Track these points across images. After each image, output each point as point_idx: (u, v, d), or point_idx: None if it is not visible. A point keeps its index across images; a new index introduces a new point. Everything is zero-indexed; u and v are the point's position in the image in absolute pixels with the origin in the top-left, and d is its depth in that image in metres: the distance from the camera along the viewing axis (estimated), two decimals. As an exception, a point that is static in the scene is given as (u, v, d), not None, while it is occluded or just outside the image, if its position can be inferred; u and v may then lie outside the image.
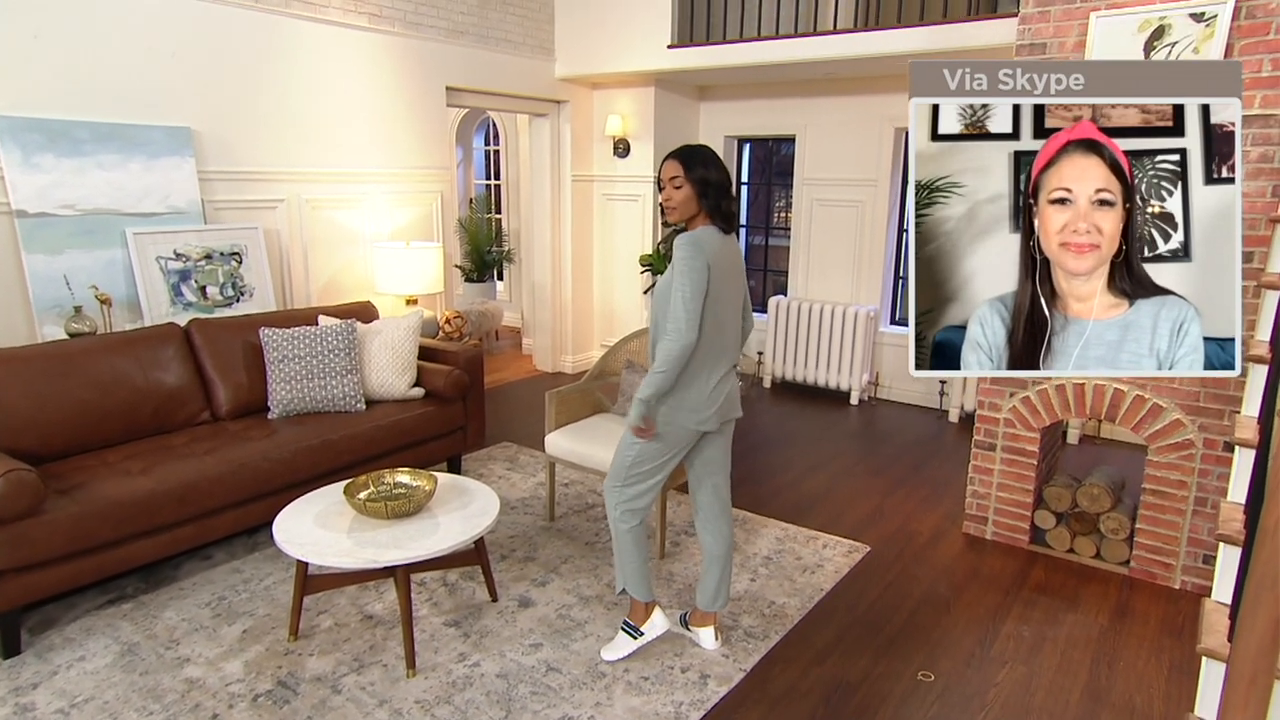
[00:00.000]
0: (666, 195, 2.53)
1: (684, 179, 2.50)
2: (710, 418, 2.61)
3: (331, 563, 2.56)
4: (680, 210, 2.53)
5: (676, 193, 2.51)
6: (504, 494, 4.18)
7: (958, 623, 3.09)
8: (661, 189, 2.57)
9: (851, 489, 4.40)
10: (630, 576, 2.74)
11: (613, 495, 2.70)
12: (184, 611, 3.03)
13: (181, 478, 3.11)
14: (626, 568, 2.74)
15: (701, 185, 2.50)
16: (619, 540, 2.72)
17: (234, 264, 4.21)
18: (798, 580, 3.37)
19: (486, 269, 8.05)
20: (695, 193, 2.50)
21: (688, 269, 2.43)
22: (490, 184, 8.92)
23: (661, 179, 2.55)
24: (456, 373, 4.17)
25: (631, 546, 2.71)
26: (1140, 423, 3.38)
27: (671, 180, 2.52)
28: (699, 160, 2.52)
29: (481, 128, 8.83)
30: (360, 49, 4.85)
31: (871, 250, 6.08)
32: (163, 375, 3.58)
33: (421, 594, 3.19)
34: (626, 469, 2.65)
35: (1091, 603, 3.26)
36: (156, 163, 3.92)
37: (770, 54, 5.22)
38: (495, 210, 8.71)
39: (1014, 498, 3.74)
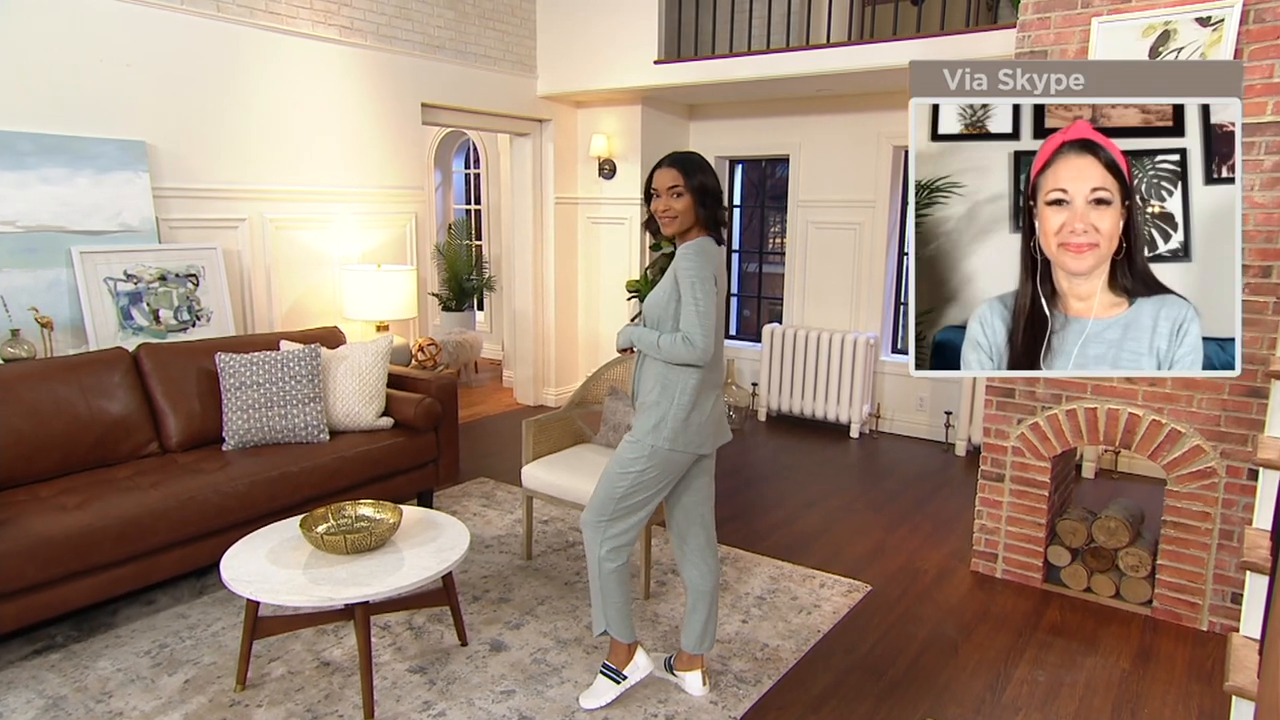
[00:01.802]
0: (664, 205, 2.49)
1: (684, 187, 2.47)
2: (709, 439, 2.59)
3: (284, 601, 2.47)
4: (681, 220, 2.49)
5: (676, 202, 2.48)
6: (479, 532, 4.09)
7: (966, 666, 3.01)
8: (653, 198, 2.52)
9: (851, 525, 4.33)
10: (613, 618, 2.65)
11: (596, 531, 2.60)
12: (120, 661, 2.91)
13: (121, 512, 3.02)
14: (609, 608, 2.65)
15: (701, 194, 2.49)
16: (603, 580, 2.63)
17: (190, 286, 4.15)
18: (793, 621, 3.29)
19: (465, 297, 8.02)
20: (694, 201, 2.48)
21: (699, 279, 2.42)
22: (470, 209, 8.93)
23: (656, 188, 2.50)
24: (428, 401, 4.11)
25: (616, 586, 2.63)
26: (1158, 450, 3.33)
27: (671, 189, 2.48)
28: (697, 167, 2.51)
29: (461, 150, 8.86)
30: (331, 62, 4.86)
31: (871, 274, 6.07)
32: (107, 403, 3.50)
33: (384, 638, 3.09)
34: (616, 501, 2.57)
35: (1112, 645, 3.18)
36: (107, 177, 3.88)
37: (762, 69, 5.26)
38: (475, 236, 8.71)
39: (1025, 532, 3.67)
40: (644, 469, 2.53)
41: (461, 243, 8.32)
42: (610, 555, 2.60)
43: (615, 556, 2.60)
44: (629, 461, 2.54)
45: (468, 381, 7.66)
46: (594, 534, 2.60)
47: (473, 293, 8.11)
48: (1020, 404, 3.62)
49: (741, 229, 7.11)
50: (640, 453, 2.53)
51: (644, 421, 2.53)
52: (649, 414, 2.52)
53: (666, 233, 2.53)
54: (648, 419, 2.52)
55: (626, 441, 2.57)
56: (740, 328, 7.21)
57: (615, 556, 2.60)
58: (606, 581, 2.62)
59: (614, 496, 2.57)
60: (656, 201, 2.51)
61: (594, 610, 2.69)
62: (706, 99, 6.39)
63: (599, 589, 2.64)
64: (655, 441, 2.51)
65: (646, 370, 2.57)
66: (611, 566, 2.60)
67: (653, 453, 2.51)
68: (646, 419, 2.53)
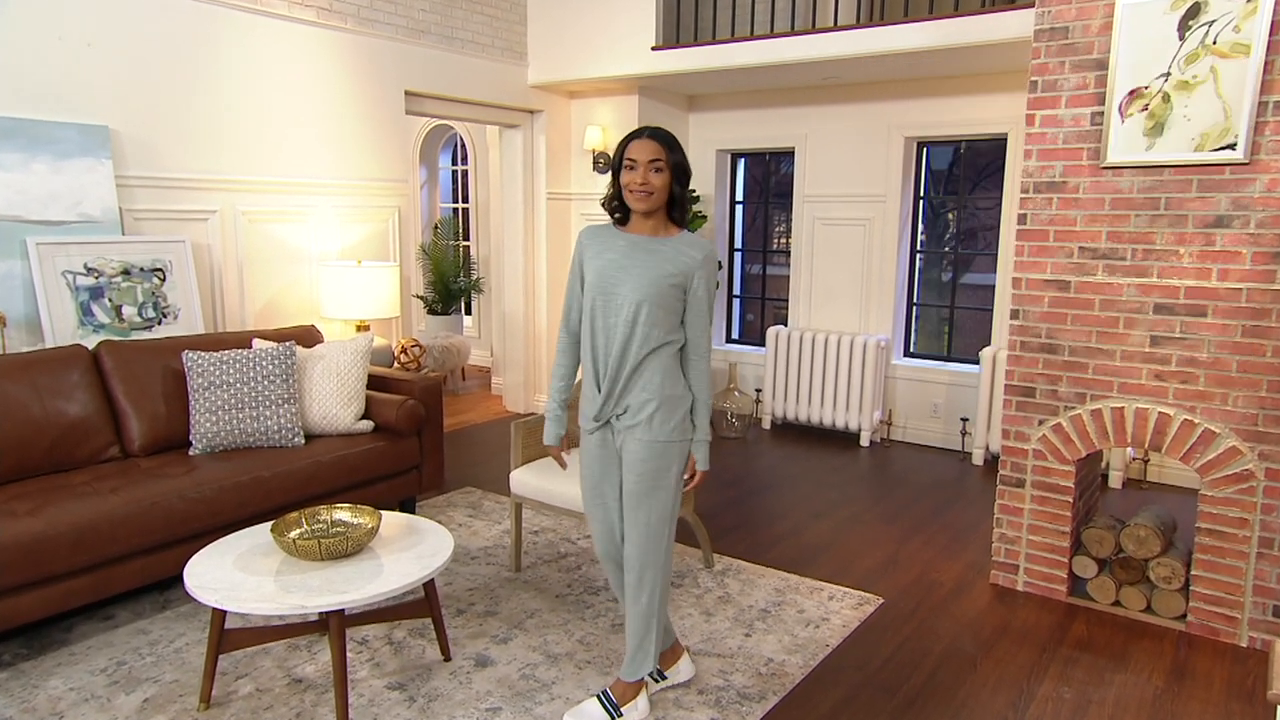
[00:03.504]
0: (642, 179, 2.42)
1: (665, 162, 2.44)
2: None
3: (252, 610, 2.41)
4: (657, 197, 2.46)
5: (655, 177, 2.43)
6: (464, 543, 4.03)
7: (986, 683, 2.95)
8: (625, 171, 2.45)
9: (862, 536, 4.28)
10: (655, 651, 2.65)
11: (659, 572, 2.56)
12: (73, 679, 2.84)
13: (77, 519, 2.96)
14: (655, 643, 2.63)
15: (679, 172, 2.48)
16: (659, 616, 2.60)
17: (156, 281, 4.10)
18: (799, 635, 3.23)
19: (452, 300, 7.98)
20: (671, 179, 2.46)
21: (713, 290, 2.55)
22: (458, 207, 8.89)
23: (635, 158, 2.43)
24: (411, 403, 4.06)
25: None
26: (1190, 452, 3.28)
27: (651, 163, 2.42)
28: (676, 144, 2.50)
29: (448, 146, 8.84)
30: (308, 46, 4.83)
31: (881, 273, 6.04)
32: (64, 404, 3.45)
33: (362, 653, 3.03)
34: (671, 521, 2.57)
35: (1143, 661, 3.12)
36: (67, 164, 3.84)
37: (765, 54, 5.23)
38: (463, 236, 8.68)
39: (1048, 541, 3.61)
40: (681, 469, 2.56)
41: (448, 243, 8.27)
42: (666, 585, 2.61)
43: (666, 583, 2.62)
44: (663, 471, 2.52)
45: (454, 389, 7.61)
46: (657, 575, 2.56)
47: (460, 295, 8.07)
48: (1041, 404, 3.57)
49: (744, 228, 7.08)
50: (673, 455, 2.53)
51: (667, 421, 2.49)
52: (664, 412, 2.48)
53: (639, 208, 2.47)
54: (666, 417, 2.49)
55: (650, 453, 2.49)
56: (743, 331, 7.16)
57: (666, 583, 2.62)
58: (661, 614, 2.62)
59: (668, 517, 2.56)
60: (631, 174, 2.44)
61: (642, 652, 2.61)
62: (707, 88, 6.36)
63: (651, 627, 2.59)
64: (684, 435, 2.54)
65: (647, 374, 2.49)
66: (661, 595, 2.60)
67: (681, 447, 2.54)
68: (665, 417, 2.49)
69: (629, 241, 2.51)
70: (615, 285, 2.46)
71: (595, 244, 2.55)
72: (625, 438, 2.53)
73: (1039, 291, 3.53)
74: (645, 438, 2.48)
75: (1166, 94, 3.14)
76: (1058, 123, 3.41)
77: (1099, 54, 3.29)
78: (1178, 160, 3.16)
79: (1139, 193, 3.28)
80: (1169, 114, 3.15)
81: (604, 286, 2.48)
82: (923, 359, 6.19)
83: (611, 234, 2.55)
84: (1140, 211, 3.29)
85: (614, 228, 2.58)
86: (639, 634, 2.58)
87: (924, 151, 6.03)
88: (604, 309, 2.48)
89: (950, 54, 4.83)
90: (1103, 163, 3.31)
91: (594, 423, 2.57)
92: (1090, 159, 3.36)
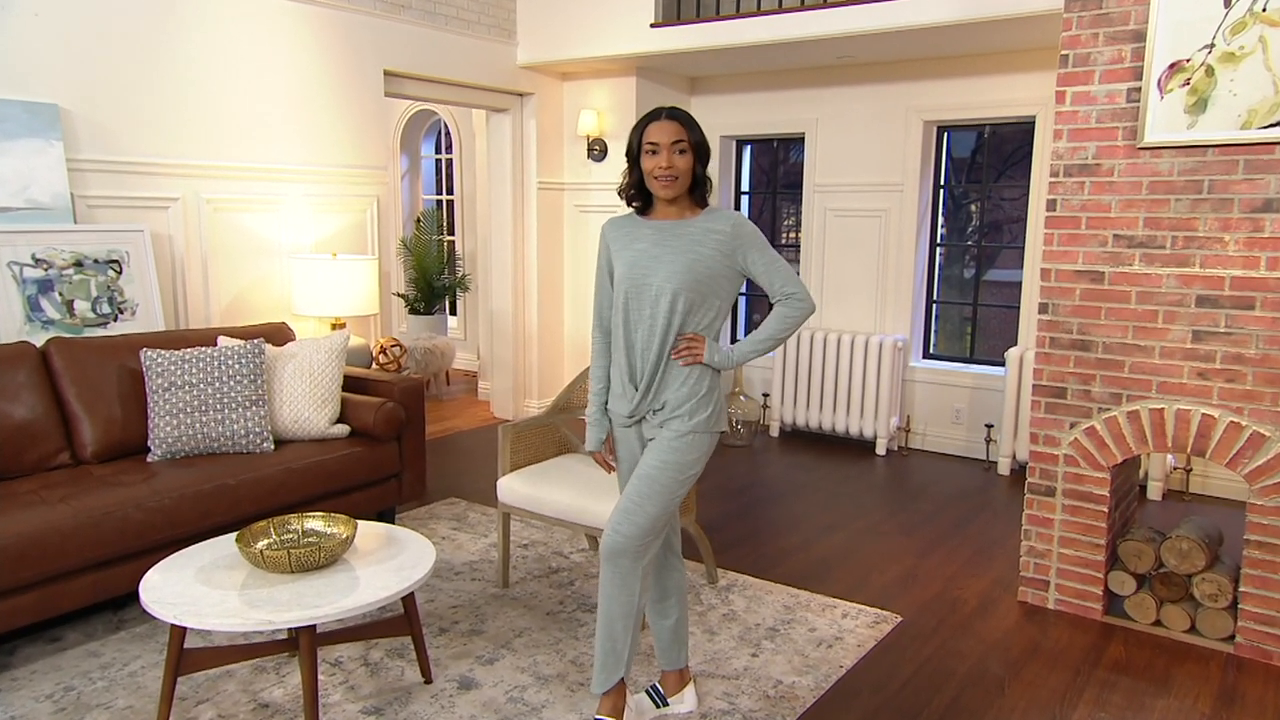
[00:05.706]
0: (666, 162, 2.45)
1: (688, 143, 2.48)
2: None
3: (214, 626, 2.39)
4: (682, 181, 2.50)
5: (680, 159, 2.47)
6: (448, 557, 4.01)
7: (1015, 707, 2.93)
8: (646, 156, 2.48)
9: (878, 550, 4.25)
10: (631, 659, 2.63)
11: (639, 559, 2.51)
12: (15, 707, 2.81)
13: (22, 530, 2.92)
14: (633, 648, 2.61)
15: (701, 152, 2.52)
16: (639, 613, 2.57)
17: (111, 274, 4.07)
18: (811, 655, 3.21)
19: (436, 299, 7.96)
20: (695, 160, 2.50)
21: (764, 239, 2.61)
22: (441, 199, 8.88)
23: (657, 142, 2.45)
24: (390, 405, 4.03)
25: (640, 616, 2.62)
26: (1237, 457, 3.25)
27: (675, 145, 2.46)
28: (695, 123, 2.54)
29: (431, 133, 8.83)
30: (279, 20, 4.81)
31: (898, 268, 6.02)
32: (9, 407, 3.43)
33: (335, 675, 3.00)
34: (671, 514, 2.56)
35: (1188, 685, 3.09)
36: (11, 145, 3.81)
37: (773, 31, 5.22)
38: (447, 230, 8.66)
39: (1081, 555, 3.58)
40: (702, 462, 2.58)
41: (431, 237, 8.26)
42: (645, 574, 2.57)
43: (646, 573, 2.58)
44: (691, 464, 2.53)
45: (438, 393, 7.58)
46: (635, 563, 2.52)
47: (444, 294, 8.05)
48: (1073, 405, 3.54)
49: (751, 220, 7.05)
50: (702, 448, 2.55)
51: (698, 414, 2.52)
52: (700, 405, 2.52)
53: (665, 195, 2.50)
54: (700, 410, 2.52)
55: (680, 443, 2.51)
56: (748, 332, 7.15)
57: (646, 573, 2.58)
58: (641, 613, 2.58)
59: (670, 509, 2.54)
60: (654, 159, 2.46)
61: (613, 658, 2.58)
62: (710, 69, 6.36)
63: (635, 626, 2.56)
64: (712, 428, 2.56)
65: (686, 367, 2.53)
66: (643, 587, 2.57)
67: (710, 441, 2.56)
68: (699, 410, 2.52)
69: (655, 229, 2.55)
70: (648, 275, 2.50)
71: (621, 235, 2.60)
72: (658, 430, 2.58)
73: (1070, 283, 3.50)
74: (680, 429, 2.53)
75: (1210, 67, 3.12)
76: (1090, 100, 3.39)
77: (1136, 24, 3.27)
78: (1222, 139, 3.14)
79: (1179, 175, 3.25)
80: (1213, 89, 3.12)
81: (635, 278, 2.52)
82: (943, 361, 6.18)
83: (635, 223, 2.60)
84: (1181, 195, 3.26)
85: (636, 216, 2.62)
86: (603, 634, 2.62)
87: (945, 136, 6.02)
88: (638, 301, 2.52)
89: (974, 29, 4.81)
90: (1140, 143, 3.28)
91: (628, 419, 2.61)
92: (1126, 139, 3.34)
